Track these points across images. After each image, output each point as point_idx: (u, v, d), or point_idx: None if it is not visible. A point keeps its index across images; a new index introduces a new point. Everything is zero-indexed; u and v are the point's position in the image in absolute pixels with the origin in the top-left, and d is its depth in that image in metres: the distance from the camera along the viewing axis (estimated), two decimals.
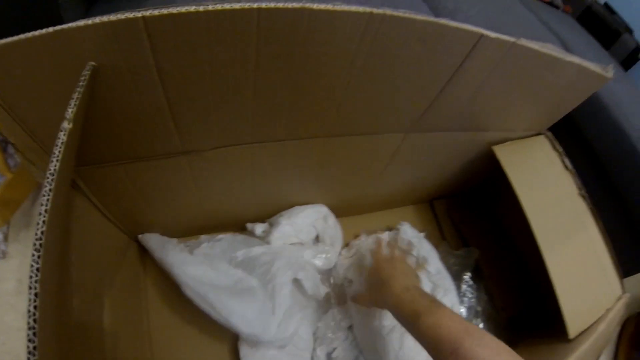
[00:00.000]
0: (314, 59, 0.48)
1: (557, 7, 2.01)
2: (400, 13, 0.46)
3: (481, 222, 1.17)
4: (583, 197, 0.93)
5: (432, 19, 0.48)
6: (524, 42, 0.61)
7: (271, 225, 0.86)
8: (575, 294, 0.80)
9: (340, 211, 0.98)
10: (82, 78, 0.38)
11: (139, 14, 0.37)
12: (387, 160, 0.85)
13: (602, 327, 0.77)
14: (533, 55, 0.65)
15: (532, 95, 0.80)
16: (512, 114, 0.85)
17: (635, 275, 1.77)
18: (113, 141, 0.54)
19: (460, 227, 1.15)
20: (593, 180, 1.39)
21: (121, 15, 0.37)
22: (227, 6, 0.39)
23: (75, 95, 0.37)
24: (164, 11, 0.37)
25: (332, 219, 0.90)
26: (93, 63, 0.40)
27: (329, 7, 0.42)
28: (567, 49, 1.49)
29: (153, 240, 0.78)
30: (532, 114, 0.89)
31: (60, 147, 0.35)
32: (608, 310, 0.82)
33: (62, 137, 0.35)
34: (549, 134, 0.99)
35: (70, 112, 0.36)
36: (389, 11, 0.45)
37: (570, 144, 1.42)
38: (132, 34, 0.39)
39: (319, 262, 0.84)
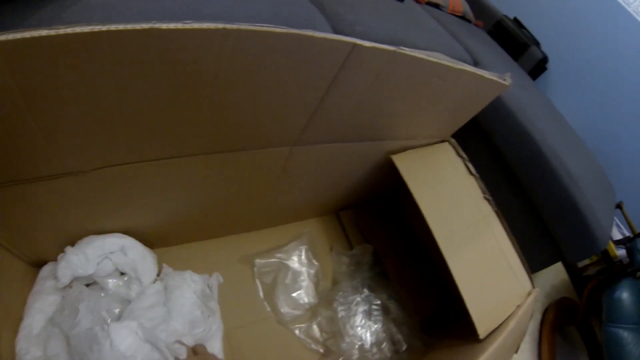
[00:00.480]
0: (173, 78, 0.47)
1: (469, 21, 2.11)
2: (257, 27, 0.44)
3: (390, 230, 1.19)
4: (488, 200, 0.96)
5: (295, 31, 0.47)
6: (406, 50, 0.62)
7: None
8: (482, 295, 0.81)
9: (239, 227, 0.98)
10: None
11: None
12: (278, 175, 0.83)
13: (512, 323, 0.79)
14: (419, 64, 0.66)
15: (427, 104, 0.82)
16: (409, 122, 0.86)
17: (552, 267, 1.87)
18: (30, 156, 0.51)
19: (368, 236, 1.17)
20: (503, 183, 1.46)
21: None
22: (77, 29, 0.37)
23: None
24: (18, 36, 0.36)
25: (135, 252, 0.78)
26: None
27: (179, 25, 0.40)
28: (476, 60, 1.57)
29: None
30: (432, 121, 0.91)
31: None
32: (518, 307, 0.84)
33: None
34: (453, 141, 1.02)
35: None
36: (244, 26, 0.43)
37: (480, 149, 1.50)
38: None
39: (125, 292, 0.76)
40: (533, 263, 1.44)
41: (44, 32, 0.36)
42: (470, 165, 0.99)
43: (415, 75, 0.69)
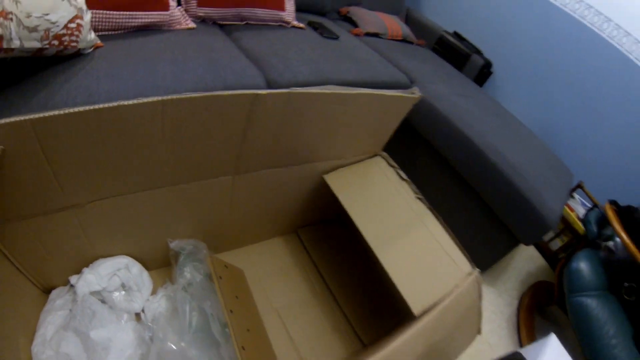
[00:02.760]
0: (137, 136, 0.69)
1: (411, 42, 2.29)
2: (184, 95, 0.67)
3: (348, 243, 1.31)
4: (420, 199, 1.09)
5: (209, 94, 0.69)
6: (298, 90, 0.79)
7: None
8: (415, 280, 0.92)
9: (214, 246, 1.10)
10: None
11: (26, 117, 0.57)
12: (230, 199, 0.99)
13: (448, 300, 0.89)
14: (315, 97, 0.83)
15: (340, 127, 0.96)
16: (331, 145, 1.01)
17: (526, 254, 1.96)
18: (14, 201, 0.68)
19: (329, 252, 1.30)
20: (452, 184, 1.61)
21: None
22: (75, 109, 0.60)
23: None
24: (41, 115, 0.58)
25: (136, 268, 0.96)
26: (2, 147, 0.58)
27: (135, 101, 0.63)
28: (412, 79, 1.74)
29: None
30: (354, 141, 1.05)
31: None
32: (456, 286, 0.94)
33: None
34: (384, 154, 1.16)
35: None
36: (175, 96, 0.66)
37: (427, 157, 1.65)
38: (21, 131, 0.59)
39: (126, 305, 0.91)
40: (494, 253, 1.58)
41: (56, 112, 0.58)
42: (401, 172, 1.12)
43: (316, 107, 0.85)
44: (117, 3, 1.14)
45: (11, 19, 0.77)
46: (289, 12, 1.68)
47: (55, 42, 0.90)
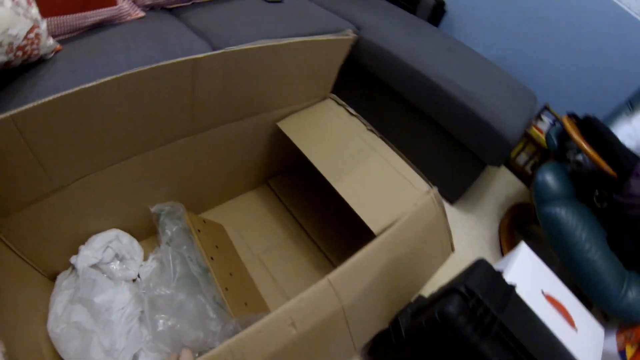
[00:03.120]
0: (103, 114, 0.77)
1: None
2: (134, 70, 0.75)
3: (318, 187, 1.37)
4: (372, 131, 1.13)
5: (155, 65, 0.77)
6: (232, 48, 0.87)
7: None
8: (373, 203, 0.98)
9: (194, 208, 1.17)
10: None
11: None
12: (195, 160, 1.05)
13: (406, 217, 0.94)
14: (250, 53, 0.91)
15: (283, 76, 1.03)
16: (278, 94, 1.07)
17: (504, 180, 2.01)
18: (7, 193, 0.74)
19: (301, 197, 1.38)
20: (415, 119, 1.69)
21: None
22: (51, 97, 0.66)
23: None
24: (21, 108, 0.64)
25: (125, 238, 1.02)
26: None
27: (83, 87, 0.69)
28: (359, 25, 1.79)
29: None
30: (300, 87, 1.12)
31: None
32: (415, 205, 0.99)
33: None
34: (332, 95, 1.22)
35: None
36: (127, 72, 0.73)
37: (387, 97, 1.69)
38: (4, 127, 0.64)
39: (122, 273, 0.97)
40: (464, 177, 1.64)
41: (30, 105, 0.65)
42: (350, 109, 1.18)
43: (252, 61, 0.93)
44: (67, 7, 1.18)
45: None
46: None
47: (19, 53, 0.98)
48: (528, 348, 0.79)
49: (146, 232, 1.10)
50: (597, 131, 1.47)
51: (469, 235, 1.67)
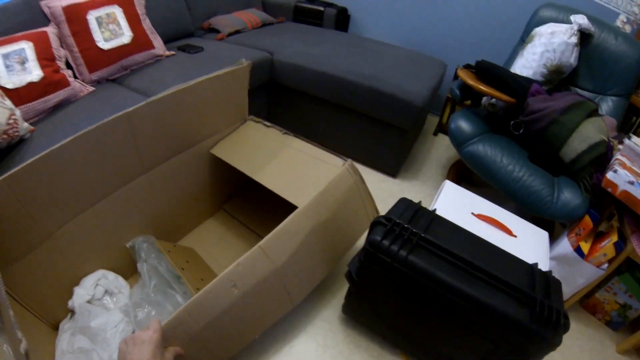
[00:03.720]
0: (67, 170, 0.99)
1: (271, 23, 2.54)
2: (81, 132, 0.97)
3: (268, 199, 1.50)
4: (287, 133, 1.35)
5: (98, 123, 0.99)
6: (152, 98, 1.11)
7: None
8: (293, 185, 1.16)
9: (165, 239, 1.36)
10: None
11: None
12: (154, 195, 1.27)
13: (323, 187, 1.09)
14: (169, 98, 1.15)
15: (203, 109, 1.26)
16: (206, 124, 1.31)
17: (441, 148, 2.15)
18: (4, 246, 0.92)
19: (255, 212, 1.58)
20: (334, 113, 1.99)
21: None
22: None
23: None
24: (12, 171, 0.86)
25: (111, 275, 1.19)
26: None
27: (52, 148, 0.92)
28: (270, 51, 2.05)
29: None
30: (221, 116, 1.35)
31: None
32: (334, 178, 1.14)
33: None
34: (251, 117, 1.46)
35: None
36: (75, 135, 0.95)
37: (308, 103, 1.96)
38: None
39: (113, 306, 1.12)
40: (396, 150, 1.87)
41: (18, 168, 0.87)
42: (265, 122, 1.41)
43: (172, 104, 1.16)
44: (32, 96, 1.47)
45: None
46: (158, 47, 1.93)
47: (5, 137, 1.26)
48: (454, 251, 0.92)
49: (130, 271, 1.28)
50: (488, 71, 1.65)
51: (417, 197, 1.80)
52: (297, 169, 1.22)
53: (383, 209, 1.12)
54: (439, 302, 0.94)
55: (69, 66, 1.69)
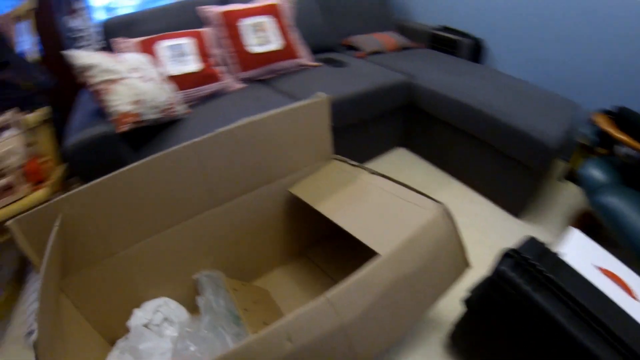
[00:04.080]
0: (134, 196, 1.06)
1: (409, 48, 2.59)
2: (149, 158, 1.02)
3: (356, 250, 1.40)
4: (375, 173, 1.26)
5: (160, 153, 1.04)
6: (221, 130, 1.10)
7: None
8: (378, 230, 1.05)
9: (240, 277, 1.34)
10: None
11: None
12: (223, 231, 1.26)
13: (412, 234, 0.96)
14: (243, 129, 1.14)
15: (282, 144, 1.23)
16: (283, 161, 1.26)
17: (565, 193, 1.98)
18: (71, 256, 0.99)
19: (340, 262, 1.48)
20: (467, 144, 2.02)
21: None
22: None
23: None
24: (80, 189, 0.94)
25: (173, 304, 1.20)
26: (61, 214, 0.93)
27: (123, 169, 0.99)
28: (411, 74, 2.17)
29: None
30: (301, 153, 1.31)
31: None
32: (425, 224, 1.01)
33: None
34: (336, 156, 1.40)
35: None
36: (146, 159, 1.02)
37: (441, 129, 2.08)
38: (77, 201, 0.94)
39: (169, 331, 1.12)
40: (522, 189, 1.84)
41: (84, 187, 0.96)
42: (351, 161, 1.34)
43: (246, 136, 1.15)
44: (190, 84, 1.76)
45: (142, 104, 1.43)
46: (304, 57, 2.20)
47: (165, 114, 1.51)
48: (577, 298, 0.88)
49: (194, 302, 1.25)
50: (631, 120, 1.54)
51: None
52: (384, 211, 1.11)
53: (501, 245, 1.07)
54: (551, 346, 0.93)
55: (222, 64, 1.94)
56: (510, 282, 0.95)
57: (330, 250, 1.54)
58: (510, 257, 0.99)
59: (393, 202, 1.13)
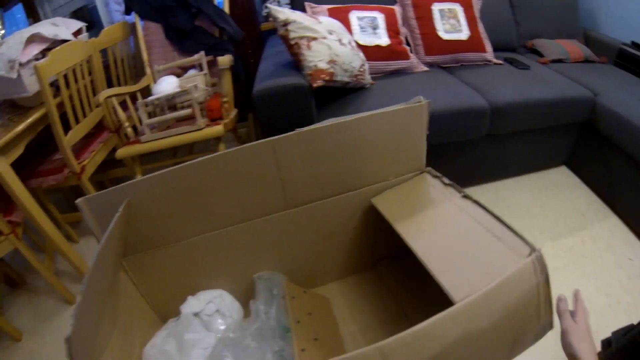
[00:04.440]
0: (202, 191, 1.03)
1: (593, 61, 2.29)
2: (223, 152, 0.97)
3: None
4: (466, 197, 1.06)
5: (233, 149, 0.97)
6: (303, 129, 1.01)
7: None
8: (457, 268, 0.88)
9: (303, 282, 1.27)
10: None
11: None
12: (295, 235, 1.18)
13: (493, 284, 0.74)
14: (329, 129, 1.03)
15: (371, 149, 1.10)
16: (370, 169, 1.14)
17: None
18: (135, 238, 1.01)
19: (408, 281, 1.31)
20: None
21: None
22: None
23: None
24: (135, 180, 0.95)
25: (228, 298, 1.16)
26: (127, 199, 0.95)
27: (191, 162, 0.97)
28: (595, 92, 1.95)
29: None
30: (392, 161, 1.16)
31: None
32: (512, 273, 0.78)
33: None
34: (428, 169, 1.21)
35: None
36: (207, 156, 0.96)
37: (618, 158, 1.86)
38: (143, 186, 0.96)
39: (217, 326, 1.08)
40: None
41: (145, 177, 0.95)
42: (444, 179, 1.13)
43: (329, 139, 1.04)
44: (378, 56, 1.88)
45: (337, 65, 1.56)
46: (489, 52, 2.22)
47: (354, 79, 1.63)
48: None
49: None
50: None
51: None
52: (469, 247, 0.93)
53: None
54: None
55: (407, 44, 2.04)
56: None
57: (402, 268, 1.39)
58: None
59: (481, 237, 0.95)
